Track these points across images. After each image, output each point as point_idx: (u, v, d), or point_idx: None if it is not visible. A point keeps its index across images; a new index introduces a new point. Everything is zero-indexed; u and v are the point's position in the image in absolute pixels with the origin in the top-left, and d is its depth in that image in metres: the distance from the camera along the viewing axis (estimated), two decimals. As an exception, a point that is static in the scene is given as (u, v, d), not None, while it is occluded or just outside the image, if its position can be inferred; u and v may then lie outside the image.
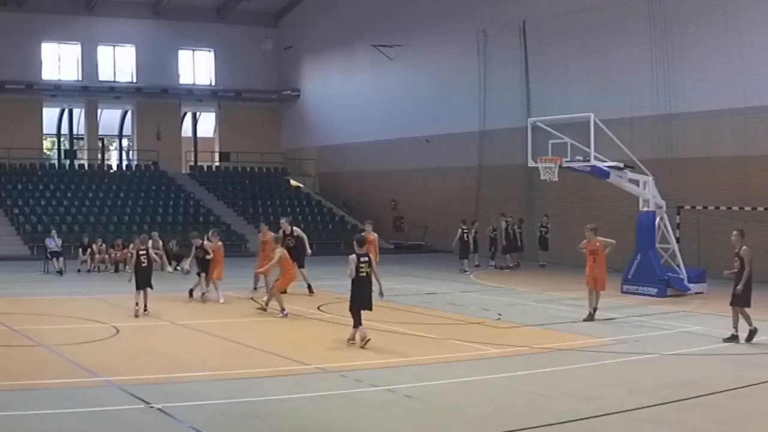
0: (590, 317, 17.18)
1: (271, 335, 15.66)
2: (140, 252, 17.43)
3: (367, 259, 14.03)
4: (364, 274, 13.90)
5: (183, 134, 47.60)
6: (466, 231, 28.47)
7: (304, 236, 21.71)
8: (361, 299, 13.91)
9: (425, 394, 10.85)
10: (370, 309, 14.05)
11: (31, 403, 9.92)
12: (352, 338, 14.06)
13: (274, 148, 46.41)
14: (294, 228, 21.54)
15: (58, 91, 42.82)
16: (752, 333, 14.66)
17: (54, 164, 44.30)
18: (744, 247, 14.73)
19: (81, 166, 43.03)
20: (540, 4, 32.25)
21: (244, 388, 11.00)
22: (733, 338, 14.67)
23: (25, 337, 14.53)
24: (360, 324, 13.89)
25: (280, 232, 20.42)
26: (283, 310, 17.37)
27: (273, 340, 14.90)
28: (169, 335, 15.67)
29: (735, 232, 15.12)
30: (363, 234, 16.66)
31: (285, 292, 18.27)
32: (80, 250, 28.05)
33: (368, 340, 13.81)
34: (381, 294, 14.53)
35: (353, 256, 13.90)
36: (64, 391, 10.66)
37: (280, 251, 18.08)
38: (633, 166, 22.42)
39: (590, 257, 17.51)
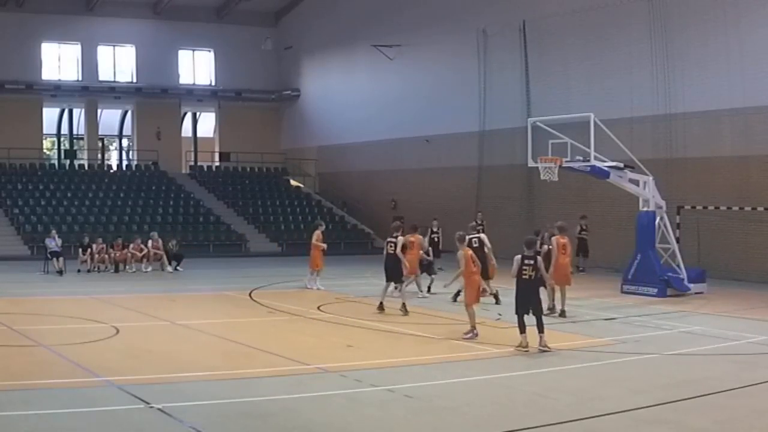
0: (550, 311, 17.21)
1: (271, 335, 15.67)
2: None
3: (532, 261, 13.34)
4: (526, 276, 13.30)
5: (183, 134, 47.61)
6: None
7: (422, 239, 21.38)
8: (521, 303, 13.33)
9: (425, 394, 10.83)
10: (535, 314, 13.38)
11: (31, 403, 9.90)
12: (522, 345, 13.39)
13: (274, 148, 46.40)
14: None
15: (58, 91, 42.83)
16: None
17: (54, 164, 44.25)
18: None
19: (81, 166, 43.02)
20: (540, 4, 32.22)
21: (244, 388, 10.99)
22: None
23: (25, 337, 14.53)
24: (524, 330, 13.29)
25: (462, 234, 16.72)
26: (473, 329, 14.77)
27: (273, 340, 14.90)
28: (169, 335, 15.65)
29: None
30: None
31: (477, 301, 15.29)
32: (80, 250, 28.05)
33: (547, 348, 13.22)
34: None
35: (518, 257, 13.41)
36: (64, 391, 10.65)
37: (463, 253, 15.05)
38: (633, 166, 22.39)
39: None
